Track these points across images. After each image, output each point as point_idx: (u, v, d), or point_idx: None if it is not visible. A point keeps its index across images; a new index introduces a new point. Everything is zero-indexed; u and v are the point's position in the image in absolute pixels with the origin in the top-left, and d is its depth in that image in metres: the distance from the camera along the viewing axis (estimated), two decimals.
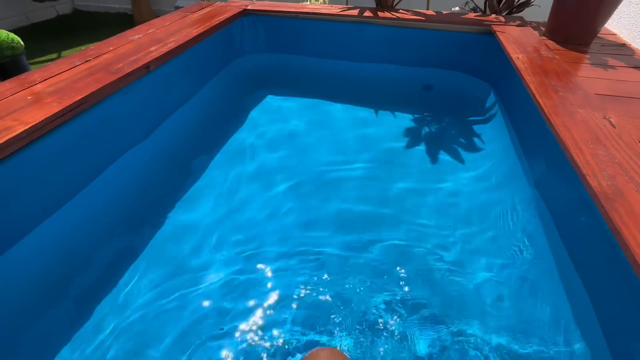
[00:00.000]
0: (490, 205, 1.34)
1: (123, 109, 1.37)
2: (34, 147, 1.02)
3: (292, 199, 1.38)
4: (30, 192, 1.04)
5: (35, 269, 1.03)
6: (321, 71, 2.24)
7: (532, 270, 1.09)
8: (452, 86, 2.07)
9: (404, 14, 2.03)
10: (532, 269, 1.09)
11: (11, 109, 1.09)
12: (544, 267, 1.06)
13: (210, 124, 1.83)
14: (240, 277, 1.08)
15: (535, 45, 1.61)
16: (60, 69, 1.36)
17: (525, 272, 1.09)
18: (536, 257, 1.11)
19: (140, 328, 0.94)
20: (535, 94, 1.20)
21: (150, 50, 1.52)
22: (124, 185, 1.35)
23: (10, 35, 2.25)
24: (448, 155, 1.60)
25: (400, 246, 1.18)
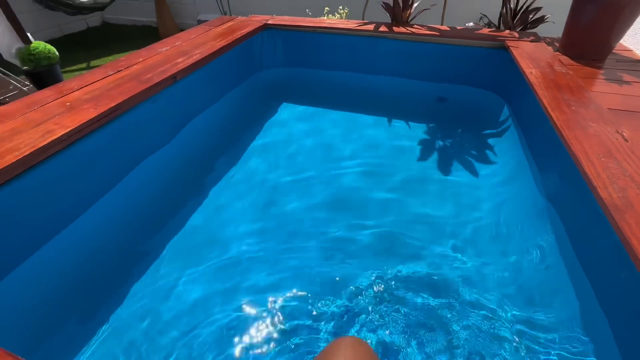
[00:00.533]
0: (503, 217, 1.35)
1: (151, 115, 1.46)
2: (72, 149, 1.11)
3: (302, 202, 1.43)
4: (67, 191, 1.13)
5: (68, 264, 1.10)
6: (337, 84, 2.31)
7: (545, 279, 1.09)
8: (465, 99, 2.10)
9: (418, 29, 2.09)
10: (545, 278, 1.10)
11: (52, 113, 1.18)
12: (557, 275, 1.06)
13: (228, 131, 1.91)
14: (257, 273, 1.13)
15: (548, 61, 1.63)
16: (95, 77, 1.47)
17: (539, 282, 1.09)
18: (549, 268, 1.12)
19: (165, 319, 1.00)
20: (548, 107, 1.23)
21: (177, 61, 1.62)
22: (149, 185, 1.43)
23: (47, 46, 2.41)
24: (461, 167, 1.62)
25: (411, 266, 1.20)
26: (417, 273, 1.14)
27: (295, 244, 1.25)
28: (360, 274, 1.13)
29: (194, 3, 4.49)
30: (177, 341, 0.95)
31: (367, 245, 1.24)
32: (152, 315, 1.01)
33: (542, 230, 1.24)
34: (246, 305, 1.05)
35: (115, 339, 0.96)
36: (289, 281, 1.11)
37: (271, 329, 0.98)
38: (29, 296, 0.99)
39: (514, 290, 1.08)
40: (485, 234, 1.28)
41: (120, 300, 1.05)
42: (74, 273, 1.09)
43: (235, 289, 1.10)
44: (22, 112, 1.20)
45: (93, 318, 1.00)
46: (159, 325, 0.99)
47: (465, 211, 1.39)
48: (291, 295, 1.07)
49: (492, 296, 1.06)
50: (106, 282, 1.10)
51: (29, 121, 1.14)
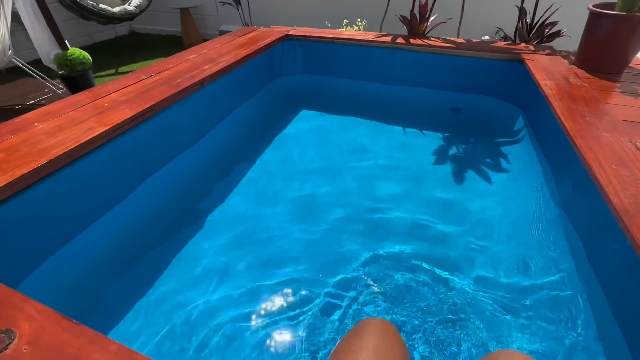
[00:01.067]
0: (517, 225, 1.37)
1: (179, 118, 1.55)
2: (109, 146, 1.20)
3: (314, 207, 1.48)
4: (103, 184, 1.22)
5: (102, 251, 1.18)
6: (353, 92, 2.39)
7: (558, 286, 1.11)
8: (480, 109, 2.14)
9: (434, 42, 2.15)
10: (559, 286, 1.11)
11: (92, 113, 1.29)
12: (570, 282, 1.08)
13: (249, 135, 2.00)
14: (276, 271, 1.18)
15: (564, 73, 1.66)
16: (129, 81, 1.58)
17: (552, 289, 1.10)
18: (562, 275, 1.13)
19: (187, 309, 1.06)
20: (562, 117, 1.26)
21: (204, 68, 1.72)
22: (174, 184, 1.51)
23: (82, 53, 2.58)
24: (476, 174, 1.65)
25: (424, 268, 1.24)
26: (421, 284, 1.16)
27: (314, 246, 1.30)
28: (368, 287, 1.15)
29: (216, 14, 4.69)
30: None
31: (373, 257, 1.27)
32: (184, 303, 1.08)
33: (555, 238, 1.25)
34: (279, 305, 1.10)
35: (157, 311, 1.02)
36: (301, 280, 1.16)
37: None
38: (77, 270, 1.09)
39: (528, 297, 1.09)
40: (498, 243, 1.29)
41: (149, 284, 1.12)
42: (109, 257, 1.18)
43: (258, 274, 1.15)
44: (65, 111, 1.31)
45: (135, 293, 1.08)
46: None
47: (478, 218, 1.40)
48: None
49: (504, 304, 1.08)
50: (134, 270, 1.18)
51: (72, 119, 1.24)
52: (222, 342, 0.97)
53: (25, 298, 0.63)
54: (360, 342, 0.51)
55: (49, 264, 1.02)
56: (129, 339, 0.96)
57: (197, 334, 0.99)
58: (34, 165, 0.99)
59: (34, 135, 1.14)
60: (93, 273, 1.12)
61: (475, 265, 1.20)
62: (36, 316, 0.60)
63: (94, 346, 0.55)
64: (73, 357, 0.54)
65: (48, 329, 0.58)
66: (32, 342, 0.56)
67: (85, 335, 0.57)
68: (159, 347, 0.96)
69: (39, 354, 0.54)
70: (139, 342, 0.96)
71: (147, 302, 1.07)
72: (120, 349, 0.55)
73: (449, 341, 0.98)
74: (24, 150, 1.06)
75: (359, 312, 1.05)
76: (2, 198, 0.91)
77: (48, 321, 0.59)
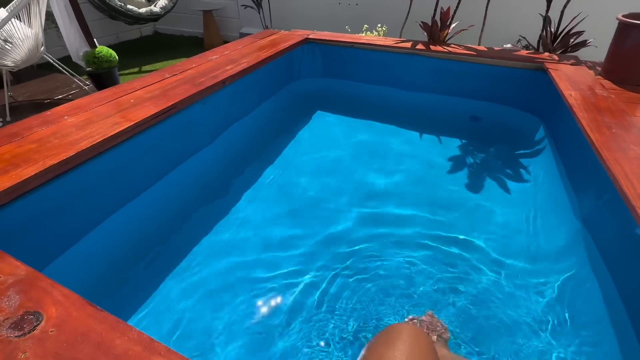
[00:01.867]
0: (534, 238, 1.33)
1: (200, 116, 1.59)
2: (134, 140, 1.24)
3: (328, 211, 1.48)
4: (126, 176, 1.26)
5: (123, 241, 1.22)
6: (371, 97, 2.39)
7: (577, 305, 1.07)
8: (500, 119, 2.10)
9: (455, 49, 2.13)
10: (578, 304, 1.07)
11: (119, 108, 1.33)
12: (590, 300, 1.04)
13: (266, 135, 2.02)
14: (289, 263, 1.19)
15: (589, 84, 1.62)
16: (154, 79, 1.63)
17: (570, 308, 1.07)
18: (582, 292, 1.10)
19: (196, 298, 1.08)
20: (587, 129, 1.23)
21: (226, 68, 1.76)
22: (192, 180, 1.55)
23: (109, 51, 2.68)
24: (494, 185, 1.62)
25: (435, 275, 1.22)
26: (439, 292, 1.14)
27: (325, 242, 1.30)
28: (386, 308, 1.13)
29: (238, 17, 4.78)
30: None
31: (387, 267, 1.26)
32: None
33: (576, 253, 1.22)
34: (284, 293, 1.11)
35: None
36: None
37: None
38: (100, 257, 1.13)
39: (547, 316, 1.06)
40: (516, 257, 1.26)
41: (165, 274, 1.14)
42: (128, 247, 1.22)
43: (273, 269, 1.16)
44: (93, 106, 1.36)
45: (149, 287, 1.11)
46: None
47: (496, 231, 1.37)
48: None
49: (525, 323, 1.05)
50: (149, 263, 1.21)
51: (99, 114, 1.29)
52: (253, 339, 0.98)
53: (52, 283, 0.66)
54: (391, 351, 0.49)
55: (74, 250, 1.06)
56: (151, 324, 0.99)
57: (219, 324, 1.01)
58: (63, 156, 1.03)
59: (64, 128, 1.19)
60: (114, 261, 1.16)
61: (489, 278, 1.18)
62: (62, 301, 0.62)
63: (115, 332, 0.57)
64: (96, 342, 0.56)
65: (73, 314, 0.60)
66: (58, 325, 0.58)
67: (108, 322, 0.59)
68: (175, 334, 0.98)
69: (64, 338, 0.56)
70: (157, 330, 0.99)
71: (166, 291, 1.10)
72: (141, 336, 0.56)
73: None
74: (54, 141, 1.10)
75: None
76: (33, 186, 0.95)
77: (73, 306, 0.61)
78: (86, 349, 0.55)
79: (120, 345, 0.55)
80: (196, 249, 1.25)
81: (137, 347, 0.55)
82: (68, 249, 1.06)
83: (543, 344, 0.98)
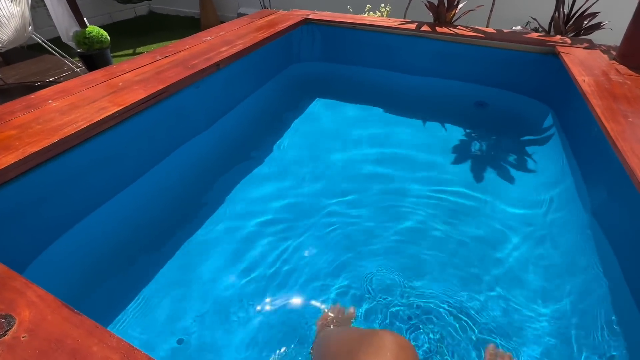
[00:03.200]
0: (539, 232, 1.28)
1: (193, 101, 1.52)
2: (122, 127, 1.17)
3: (328, 198, 1.43)
4: (114, 166, 1.20)
5: (111, 234, 1.17)
6: (373, 81, 2.29)
7: (585, 302, 1.03)
8: (507, 105, 2.02)
9: (462, 31, 2.03)
10: (586, 299, 1.03)
11: (106, 92, 1.26)
12: (599, 297, 1.00)
13: (263, 122, 1.95)
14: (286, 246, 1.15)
15: (603, 69, 1.54)
16: (144, 61, 1.54)
17: (578, 305, 1.02)
18: (590, 288, 1.06)
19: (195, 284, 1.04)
20: (602, 117, 1.15)
21: (221, 50, 1.67)
22: (186, 168, 1.49)
23: (100, 31, 2.56)
24: (499, 176, 1.56)
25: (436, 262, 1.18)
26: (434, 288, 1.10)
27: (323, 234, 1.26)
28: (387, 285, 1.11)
29: None
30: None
31: (387, 248, 1.22)
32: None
33: (585, 247, 1.17)
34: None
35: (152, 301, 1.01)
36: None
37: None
38: (84, 254, 1.08)
39: (551, 311, 1.02)
40: (518, 251, 1.21)
41: (154, 271, 1.10)
42: (116, 240, 1.16)
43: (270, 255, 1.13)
44: (79, 89, 1.29)
45: (134, 283, 1.07)
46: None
47: (500, 223, 1.32)
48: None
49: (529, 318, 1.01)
50: (141, 253, 1.16)
51: (85, 98, 1.22)
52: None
53: (27, 282, 0.61)
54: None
55: (56, 246, 1.01)
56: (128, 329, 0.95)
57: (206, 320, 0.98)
58: (45, 143, 0.97)
59: (47, 113, 1.12)
60: (100, 257, 1.11)
61: (492, 275, 1.13)
62: (37, 302, 0.58)
63: (93, 339, 0.53)
64: (71, 348, 0.51)
65: (48, 317, 0.56)
66: (31, 330, 0.54)
67: (85, 326, 0.54)
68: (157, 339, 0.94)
69: (37, 344, 0.52)
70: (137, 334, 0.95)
71: (154, 289, 1.06)
72: (120, 343, 0.52)
73: None
74: (36, 127, 1.04)
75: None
76: (11, 176, 0.90)
77: (49, 309, 0.57)
78: (60, 357, 0.50)
79: (97, 352, 0.51)
80: (188, 245, 1.20)
81: (115, 356, 0.51)
82: (49, 246, 1.01)
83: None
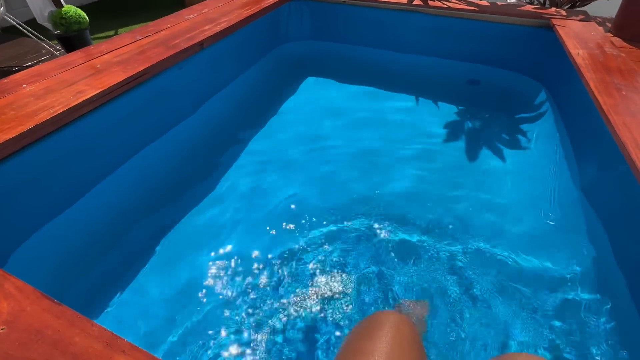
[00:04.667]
0: (531, 208, 1.28)
1: (177, 83, 1.46)
2: (101, 111, 1.13)
3: (322, 181, 1.41)
4: (94, 154, 1.16)
5: (95, 224, 1.14)
6: (364, 60, 2.24)
7: (575, 279, 1.04)
8: (500, 82, 1.99)
9: (455, 4, 1.96)
10: (576, 279, 1.04)
11: (83, 75, 1.20)
12: (588, 276, 1.01)
13: (252, 105, 1.89)
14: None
15: (598, 42, 1.50)
16: (123, 42, 1.47)
17: (568, 282, 1.03)
18: (579, 264, 1.07)
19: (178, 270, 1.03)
20: (595, 91, 1.13)
21: (204, 28, 1.60)
22: (171, 156, 1.44)
23: (77, 11, 2.43)
24: (491, 152, 1.55)
25: (418, 246, 1.17)
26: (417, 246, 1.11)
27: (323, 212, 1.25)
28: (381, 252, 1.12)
29: None
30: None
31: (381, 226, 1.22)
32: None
33: (574, 224, 1.17)
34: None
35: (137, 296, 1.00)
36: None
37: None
38: (65, 246, 1.05)
39: (538, 292, 1.02)
40: (511, 226, 1.22)
41: (144, 262, 1.09)
42: (101, 230, 1.14)
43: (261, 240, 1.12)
44: (55, 72, 1.23)
45: (119, 275, 1.05)
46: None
47: (490, 199, 1.33)
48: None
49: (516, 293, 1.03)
50: (129, 239, 1.14)
51: (62, 81, 1.16)
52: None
53: (4, 274, 0.59)
54: (371, 344, 0.46)
55: (34, 239, 0.98)
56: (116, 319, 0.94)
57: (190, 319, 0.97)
58: (19, 130, 0.92)
59: (21, 98, 1.07)
60: (82, 249, 1.07)
61: (484, 248, 1.14)
62: (15, 294, 0.56)
63: (74, 329, 0.51)
64: (52, 340, 0.50)
65: (27, 309, 0.54)
66: (10, 322, 0.52)
67: (66, 317, 0.53)
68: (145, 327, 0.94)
69: (16, 336, 0.50)
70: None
71: (138, 280, 1.04)
72: (102, 332, 0.51)
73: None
74: (9, 113, 0.99)
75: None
76: None
77: (28, 300, 0.55)
78: (41, 347, 0.49)
79: (79, 342, 0.50)
80: (174, 234, 1.17)
81: (97, 345, 0.49)
82: (29, 238, 0.97)
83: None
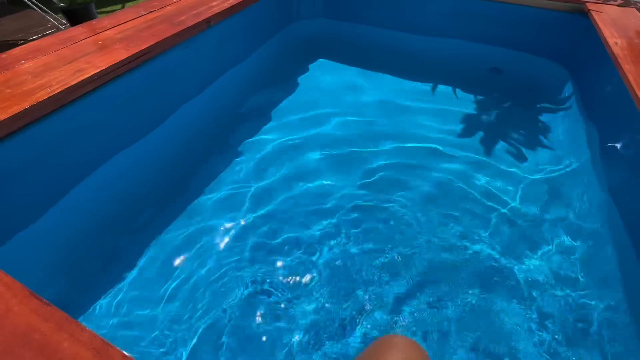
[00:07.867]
0: (551, 208, 1.20)
1: (182, 63, 1.39)
2: (102, 91, 1.07)
3: (331, 168, 1.35)
4: (95, 137, 1.11)
5: (97, 206, 1.11)
6: (379, 42, 2.12)
7: (594, 294, 0.97)
8: (524, 70, 1.87)
9: None
10: (595, 292, 0.97)
11: (84, 52, 1.14)
12: (611, 289, 0.95)
13: (261, 87, 1.81)
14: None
15: (639, 30, 1.38)
16: (127, 17, 1.40)
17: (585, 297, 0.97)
18: (602, 276, 1.00)
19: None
20: (634, 85, 1.04)
21: (212, 5, 1.51)
22: (176, 139, 1.39)
23: None
24: (511, 147, 1.46)
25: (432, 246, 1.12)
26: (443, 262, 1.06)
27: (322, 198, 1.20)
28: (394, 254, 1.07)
29: None
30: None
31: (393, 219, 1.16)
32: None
33: (597, 229, 1.10)
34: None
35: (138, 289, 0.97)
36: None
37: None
38: (66, 232, 1.02)
39: (559, 301, 0.97)
40: (530, 227, 1.15)
41: (148, 240, 1.06)
42: (104, 212, 1.10)
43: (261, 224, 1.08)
44: (55, 48, 1.17)
45: (120, 258, 1.03)
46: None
47: (510, 197, 1.25)
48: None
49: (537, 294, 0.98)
50: (135, 220, 1.11)
51: (62, 58, 1.10)
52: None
53: None
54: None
55: (29, 230, 0.94)
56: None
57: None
58: (15, 110, 0.87)
59: (19, 75, 1.01)
60: (79, 240, 1.04)
61: (502, 247, 1.08)
62: (3, 292, 0.53)
63: (63, 333, 0.48)
64: (39, 344, 0.47)
65: (14, 309, 0.51)
66: None
67: (55, 319, 0.49)
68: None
69: (1, 339, 0.47)
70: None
71: (135, 277, 1.00)
72: (93, 338, 0.47)
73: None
74: (6, 91, 0.94)
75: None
76: None
77: (16, 299, 0.52)
78: (26, 353, 0.46)
79: (67, 349, 0.46)
80: (177, 226, 1.12)
81: (87, 353, 0.46)
82: (22, 230, 0.93)
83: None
